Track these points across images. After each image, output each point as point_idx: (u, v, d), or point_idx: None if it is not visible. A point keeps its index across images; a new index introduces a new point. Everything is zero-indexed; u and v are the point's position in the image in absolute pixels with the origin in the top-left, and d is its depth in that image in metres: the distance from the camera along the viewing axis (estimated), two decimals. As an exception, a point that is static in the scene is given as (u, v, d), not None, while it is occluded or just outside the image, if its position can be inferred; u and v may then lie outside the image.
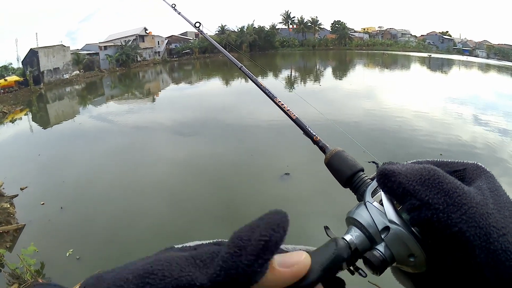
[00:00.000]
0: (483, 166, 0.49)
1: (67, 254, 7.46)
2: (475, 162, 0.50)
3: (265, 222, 0.35)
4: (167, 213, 9.09)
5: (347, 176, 0.63)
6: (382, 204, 0.48)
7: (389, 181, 0.44)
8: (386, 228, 0.46)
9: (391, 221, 0.46)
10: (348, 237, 0.47)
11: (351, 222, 0.50)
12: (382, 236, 0.46)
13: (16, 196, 10.49)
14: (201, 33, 1.79)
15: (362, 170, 0.63)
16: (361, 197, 0.58)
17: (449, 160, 0.52)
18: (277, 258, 0.35)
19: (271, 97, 1.08)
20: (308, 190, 9.69)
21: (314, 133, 0.84)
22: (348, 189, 0.63)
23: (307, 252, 0.38)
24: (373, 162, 0.60)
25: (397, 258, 0.46)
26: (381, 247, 0.46)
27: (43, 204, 9.89)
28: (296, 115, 0.95)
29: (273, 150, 13.36)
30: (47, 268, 7.17)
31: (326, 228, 0.52)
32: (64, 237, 8.30)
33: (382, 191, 0.47)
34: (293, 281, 0.35)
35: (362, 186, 0.60)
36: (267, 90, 1.12)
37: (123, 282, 0.31)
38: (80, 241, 8.00)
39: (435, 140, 14.13)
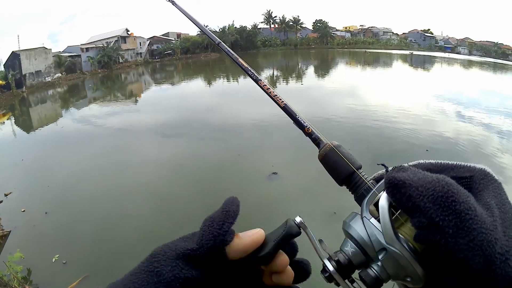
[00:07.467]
0: (491, 172, 0.48)
1: (53, 260, 7.47)
2: (483, 168, 0.48)
3: (223, 203, 0.50)
4: (152, 215, 9.13)
5: (345, 175, 0.59)
6: (379, 221, 0.47)
7: (398, 192, 0.42)
8: (383, 249, 0.46)
9: (388, 243, 0.45)
10: (343, 251, 0.50)
11: (347, 235, 0.51)
12: (379, 257, 0.46)
13: (0, 202, 10.41)
14: (174, 5, 1.47)
15: (360, 167, 0.60)
16: (359, 200, 0.56)
17: (455, 163, 0.50)
18: (241, 233, 0.48)
19: (255, 79, 0.94)
20: (297, 189, 9.78)
21: (305, 124, 0.74)
22: (343, 186, 0.61)
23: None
24: (382, 164, 0.55)
25: (393, 277, 0.47)
26: (376, 267, 0.47)
27: (23, 211, 9.82)
28: (285, 102, 0.82)
29: (259, 149, 13.42)
30: (34, 274, 7.16)
31: (320, 241, 0.52)
32: (50, 242, 8.27)
33: (391, 199, 0.45)
34: (254, 247, 0.47)
35: (360, 187, 0.57)
36: (250, 70, 0.99)
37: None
38: (66, 245, 7.99)
39: (419, 136, 14.41)
